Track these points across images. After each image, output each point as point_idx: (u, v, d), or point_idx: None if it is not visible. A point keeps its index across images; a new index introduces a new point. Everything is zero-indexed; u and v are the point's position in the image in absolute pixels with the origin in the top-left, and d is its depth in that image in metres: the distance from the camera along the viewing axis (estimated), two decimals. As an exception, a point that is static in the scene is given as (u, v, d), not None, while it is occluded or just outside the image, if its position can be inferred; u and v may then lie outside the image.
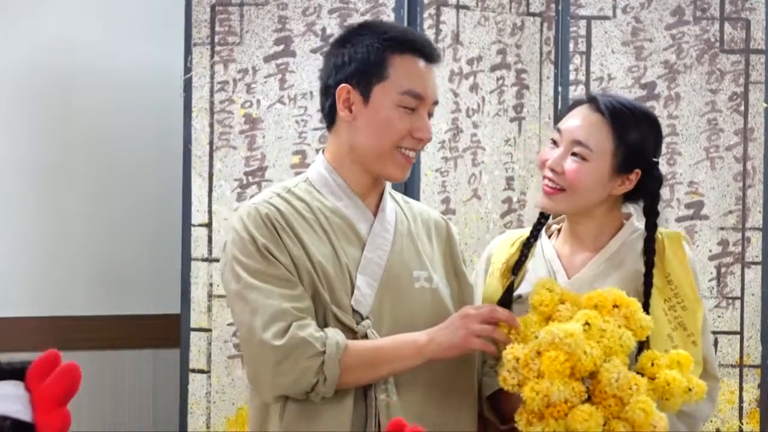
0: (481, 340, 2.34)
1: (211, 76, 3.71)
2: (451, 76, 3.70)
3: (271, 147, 3.69)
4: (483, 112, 3.76)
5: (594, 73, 3.80)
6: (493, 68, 3.78)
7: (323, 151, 2.52)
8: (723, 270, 3.75)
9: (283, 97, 3.70)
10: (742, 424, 3.72)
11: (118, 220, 4.11)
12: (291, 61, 3.70)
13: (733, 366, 3.71)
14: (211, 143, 3.70)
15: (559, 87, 3.80)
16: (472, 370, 2.52)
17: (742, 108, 3.77)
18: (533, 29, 3.82)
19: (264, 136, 3.69)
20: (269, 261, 2.36)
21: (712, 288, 3.73)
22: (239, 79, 3.70)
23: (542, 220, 2.64)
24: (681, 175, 3.77)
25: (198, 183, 3.69)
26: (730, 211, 3.76)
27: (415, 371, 2.39)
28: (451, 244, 2.60)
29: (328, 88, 2.46)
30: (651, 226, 2.51)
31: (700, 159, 3.77)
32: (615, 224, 2.59)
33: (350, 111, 2.42)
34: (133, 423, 4.09)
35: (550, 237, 2.66)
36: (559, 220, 2.67)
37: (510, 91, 3.80)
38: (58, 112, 4.02)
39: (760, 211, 3.74)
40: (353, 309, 2.39)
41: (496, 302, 2.50)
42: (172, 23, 3.84)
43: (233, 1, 3.70)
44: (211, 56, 3.71)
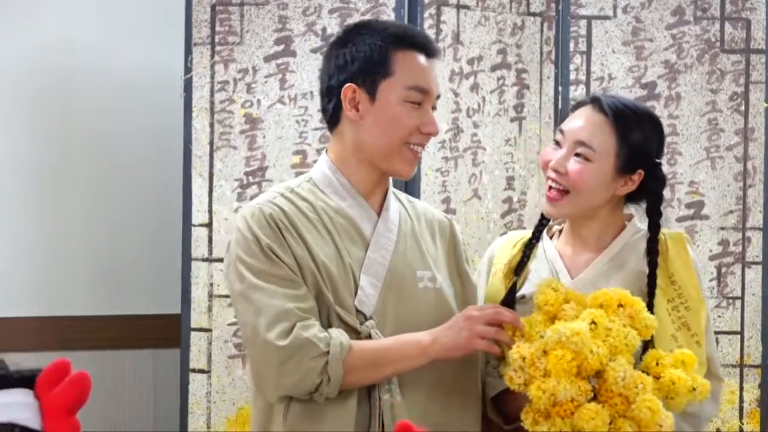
0: (485, 341, 2.34)
1: (212, 76, 3.70)
2: (451, 75, 3.70)
3: (272, 147, 3.69)
4: (483, 111, 3.76)
5: (594, 72, 3.79)
6: (494, 68, 3.78)
7: (326, 151, 2.52)
8: (723, 270, 3.75)
9: (283, 97, 3.69)
10: (743, 424, 3.72)
11: (119, 220, 4.10)
12: (291, 60, 3.69)
13: (733, 366, 3.71)
14: (212, 143, 3.70)
15: (560, 87, 3.80)
16: (475, 370, 2.51)
17: (743, 108, 3.77)
18: (534, 29, 3.82)
19: (264, 136, 3.69)
20: (273, 261, 2.35)
21: (713, 288, 3.73)
22: (239, 79, 3.70)
23: (544, 221, 2.63)
24: (681, 174, 3.77)
25: (198, 183, 3.69)
26: (731, 211, 3.76)
27: (419, 371, 2.38)
28: (455, 244, 2.60)
29: (330, 89, 2.45)
30: (654, 227, 2.51)
31: (701, 159, 3.77)
32: (617, 225, 2.59)
33: (357, 110, 2.42)
34: (133, 423, 4.08)
35: (551, 238, 2.66)
36: (561, 221, 2.67)
37: (510, 90, 3.80)
38: (58, 112, 4.01)
39: (761, 211, 3.74)
40: (357, 309, 2.39)
41: (499, 303, 2.50)
42: (173, 23, 3.84)
43: (233, 1, 3.70)
44: (212, 56, 3.70)
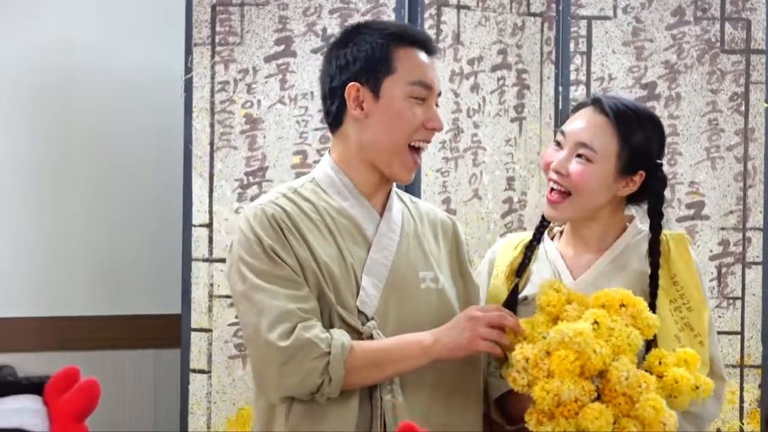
0: (487, 342, 2.34)
1: (212, 77, 3.70)
2: (451, 76, 3.70)
3: (272, 147, 3.68)
4: (484, 112, 3.76)
5: (595, 73, 3.80)
6: (494, 68, 3.78)
7: (329, 152, 2.52)
8: (724, 270, 3.75)
9: (283, 97, 3.69)
10: (743, 424, 3.72)
11: (119, 220, 4.10)
12: (292, 61, 3.69)
13: (733, 366, 3.71)
14: (212, 143, 3.69)
15: (560, 87, 3.80)
16: (477, 371, 2.51)
17: (743, 108, 3.77)
18: (534, 29, 3.82)
19: (265, 137, 3.69)
20: (275, 262, 2.36)
21: (713, 288, 3.73)
22: (240, 80, 3.70)
23: (545, 223, 2.64)
24: (682, 175, 3.77)
25: (199, 183, 3.69)
26: (731, 211, 3.76)
27: (421, 372, 2.39)
28: (458, 244, 2.61)
29: (333, 91, 2.46)
30: (655, 228, 2.51)
31: (701, 159, 3.77)
32: (619, 226, 2.60)
33: (362, 108, 2.43)
34: (133, 423, 4.08)
35: (552, 239, 2.66)
36: (561, 223, 2.67)
37: (511, 91, 3.80)
38: (58, 112, 4.01)
39: (761, 211, 3.74)
40: (358, 310, 2.39)
41: (502, 305, 2.51)
42: (173, 23, 3.84)
43: (234, 1, 3.70)
44: (212, 56, 3.70)
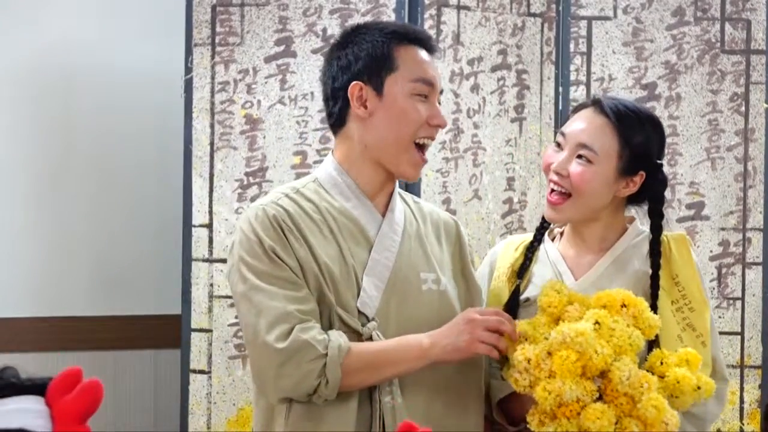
0: (485, 345, 2.34)
1: (212, 77, 3.70)
2: (451, 76, 3.70)
3: (272, 147, 3.69)
4: (484, 112, 3.76)
5: (595, 73, 3.80)
6: (494, 69, 3.78)
7: (332, 152, 2.52)
8: (724, 270, 3.76)
9: (283, 97, 3.69)
10: (743, 424, 3.72)
11: (119, 221, 4.10)
12: (292, 61, 3.69)
13: (734, 366, 3.71)
14: (212, 144, 3.70)
15: (560, 87, 3.80)
16: (478, 372, 2.51)
17: (743, 108, 3.77)
18: (534, 30, 3.82)
19: (265, 137, 3.69)
20: (275, 263, 2.36)
21: (713, 288, 3.73)
22: (240, 80, 3.70)
23: (545, 224, 2.64)
24: (682, 175, 3.77)
25: (199, 183, 3.69)
26: (731, 212, 3.76)
27: (421, 373, 2.38)
28: (461, 246, 2.60)
29: (335, 91, 2.46)
30: (656, 228, 2.52)
31: (701, 159, 3.77)
32: (620, 226, 2.60)
33: (365, 107, 2.43)
34: (133, 423, 4.08)
35: (553, 240, 2.66)
36: (561, 224, 2.67)
37: (511, 91, 3.80)
38: (58, 113, 4.01)
39: (761, 212, 3.74)
40: (359, 311, 2.39)
41: (503, 306, 2.51)
42: (173, 23, 3.84)
43: (234, 2, 3.70)
44: (212, 57, 3.70)
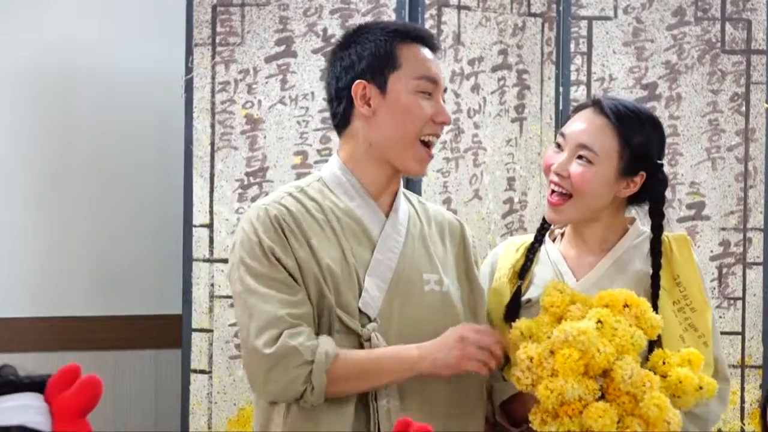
0: (475, 362, 2.35)
1: (213, 77, 3.70)
2: (452, 76, 3.70)
3: (273, 147, 3.68)
4: (484, 112, 3.76)
5: (595, 73, 3.79)
6: (495, 69, 3.78)
7: (337, 152, 2.52)
8: (724, 270, 3.76)
9: (284, 97, 3.69)
10: (744, 424, 3.72)
11: (119, 221, 4.10)
12: (292, 61, 3.69)
13: (734, 366, 3.71)
14: (213, 144, 3.70)
15: (561, 87, 3.80)
16: (478, 375, 2.50)
17: (744, 108, 3.77)
18: (534, 30, 3.82)
19: (265, 137, 3.69)
20: (273, 265, 2.36)
21: (714, 288, 3.73)
22: (240, 80, 3.70)
23: (546, 225, 2.64)
24: (682, 175, 3.77)
25: (199, 183, 3.69)
26: (732, 212, 3.76)
27: (418, 376, 2.38)
28: (465, 247, 2.59)
29: (339, 91, 2.46)
30: (657, 228, 2.52)
31: (702, 159, 3.77)
32: (620, 227, 2.60)
33: (369, 105, 2.43)
34: (134, 423, 4.08)
35: (553, 241, 2.66)
36: (562, 225, 2.67)
37: (511, 91, 3.80)
38: (58, 113, 4.00)
39: (762, 212, 3.74)
40: (360, 311, 2.39)
41: (504, 307, 2.52)
42: (174, 23, 3.84)
43: (234, 2, 3.70)
44: (213, 57, 3.70)
